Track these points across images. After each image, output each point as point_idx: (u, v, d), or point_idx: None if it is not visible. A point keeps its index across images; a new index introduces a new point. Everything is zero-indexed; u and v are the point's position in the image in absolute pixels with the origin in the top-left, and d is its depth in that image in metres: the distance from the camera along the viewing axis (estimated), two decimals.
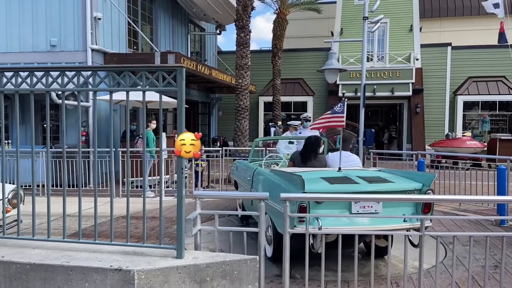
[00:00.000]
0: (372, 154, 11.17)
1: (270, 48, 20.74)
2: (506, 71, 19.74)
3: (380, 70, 19.87)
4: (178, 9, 17.32)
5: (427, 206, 4.42)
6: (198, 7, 17.28)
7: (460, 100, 20.32)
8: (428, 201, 4.40)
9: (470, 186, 8.14)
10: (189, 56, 17.62)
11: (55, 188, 8.68)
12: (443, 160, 14.41)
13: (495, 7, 12.98)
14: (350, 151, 6.23)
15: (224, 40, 72.75)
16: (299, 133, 9.22)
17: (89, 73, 3.33)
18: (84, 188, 9.29)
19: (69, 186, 9.00)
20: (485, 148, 16.40)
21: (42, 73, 3.27)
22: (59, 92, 3.34)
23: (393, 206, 4.36)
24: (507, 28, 13.03)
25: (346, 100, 5.68)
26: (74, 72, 3.24)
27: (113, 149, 9.76)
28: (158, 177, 9.48)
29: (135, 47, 14.43)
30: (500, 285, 3.32)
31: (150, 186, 10.03)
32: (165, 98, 9.73)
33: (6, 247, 3.34)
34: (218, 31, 20.56)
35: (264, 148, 11.86)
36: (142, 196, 3.39)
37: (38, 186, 9.09)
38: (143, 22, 14.98)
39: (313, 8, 21.04)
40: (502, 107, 20.29)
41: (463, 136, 17.28)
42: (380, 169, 5.50)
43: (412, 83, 19.54)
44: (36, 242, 3.42)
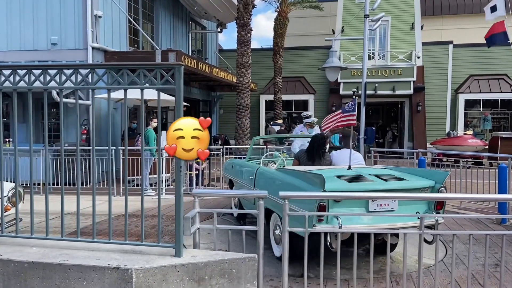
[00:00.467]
0: (373, 152, 11.14)
1: (271, 46, 20.70)
2: (507, 69, 19.67)
3: (381, 68, 19.82)
4: (179, 7, 17.29)
5: (440, 203, 4.49)
6: (199, 5, 17.26)
7: (462, 98, 20.26)
8: (442, 200, 4.51)
9: (471, 184, 8.12)
10: (190, 54, 17.61)
11: (55, 186, 8.69)
12: (444, 159, 14.42)
13: (492, 11, 12.91)
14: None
15: (225, 38, 72.66)
16: (301, 132, 9.18)
17: (88, 71, 3.32)
18: (85, 186, 9.29)
19: (70, 185, 9.01)
20: (487, 146, 16.36)
21: (40, 71, 3.26)
22: (59, 90, 3.32)
23: (407, 204, 4.41)
24: (508, 26, 12.94)
25: (357, 98, 5.68)
26: (72, 70, 3.23)
27: (113, 148, 9.76)
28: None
29: (136, 46, 14.42)
30: (500, 284, 3.30)
31: (151, 185, 10.03)
32: (166, 96, 9.79)
33: (5, 245, 3.33)
34: (219, 29, 20.52)
35: (265, 146, 11.84)
36: (141, 194, 3.37)
37: (39, 184, 9.10)
38: (144, 20, 14.96)
39: (314, 6, 20.99)
40: (504, 105, 20.22)
41: (464, 134, 17.24)
42: (386, 167, 5.51)
43: (414, 81, 19.49)
44: (35, 240, 3.41)
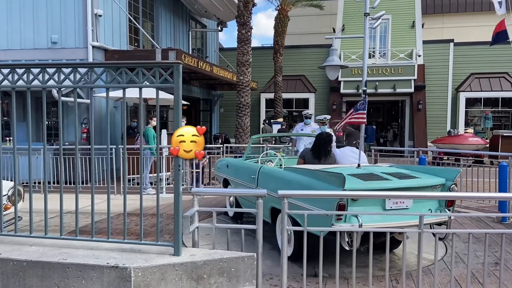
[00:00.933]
0: (373, 150, 11.12)
1: (272, 45, 20.68)
2: (508, 67, 19.64)
3: (382, 67, 19.79)
4: (179, 5, 17.28)
5: (451, 200, 4.59)
6: (199, 4, 17.25)
7: (463, 96, 20.23)
8: (452, 199, 4.61)
9: (472, 183, 8.10)
10: (190, 53, 17.59)
11: (56, 185, 8.70)
12: (445, 157, 14.41)
13: (500, 6, 12.87)
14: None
15: (226, 37, 72.63)
16: (301, 130, 9.16)
17: (86, 69, 3.31)
18: (86, 185, 9.30)
19: (71, 183, 9.03)
20: (487, 145, 16.33)
21: (39, 69, 3.26)
22: (57, 89, 3.32)
23: (421, 202, 4.47)
24: (508, 25, 12.91)
25: (367, 97, 5.70)
26: (71, 69, 3.23)
27: (114, 146, 9.75)
28: (160, 174, 9.47)
29: (136, 44, 14.42)
30: (500, 282, 3.30)
31: (151, 183, 10.03)
32: (166, 95, 9.78)
33: (4, 244, 3.33)
34: (219, 28, 20.51)
35: (265, 145, 11.83)
36: (140, 193, 3.37)
37: (39, 183, 9.11)
38: (144, 19, 14.95)
39: (314, 5, 20.94)
40: (505, 103, 20.19)
41: (465, 132, 17.21)
42: (391, 165, 5.53)
43: (414, 79, 19.46)
44: (34, 239, 3.41)
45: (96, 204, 3.41)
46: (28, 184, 3.48)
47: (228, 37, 67.49)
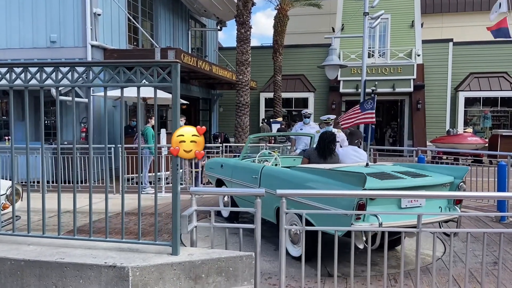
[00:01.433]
0: (372, 150, 11.13)
1: (271, 44, 20.66)
2: (508, 67, 19.64)
3: (381, 66, 19.79)
4: (179, 4, 17.26)
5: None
6: (199, 3, 17.22)
7: (462, 96, 20.23)
8: (460, 198, 4.72)
9: (471, 182, 8.10)
10: (189, 52, 17.57)
11: (55, 184, 8.68)
12: (444, 156, 14.42)
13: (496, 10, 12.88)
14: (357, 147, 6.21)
15: (225, 36, 72.62)
16: (300, 130, 9.14)
17: (84, 68, 3.31)
18: (84, 184, 9.28)
19: (70, 183, 9.01)
20: (486, 144, 16.33)
21: (36, 68, 3.25)
22: (55, 88, 3.31)
23: (432, 199, 4.55)
24: (509, 24, 12.91)
25: (376, 96, 5.72)
26: (69, 68, 3.22)
27: (112, 146, 9.74)
28: (159, 173, 9.47)
29: (135, 43, 14.39)
30: (498, 281, 3.30)
31: (150, 183, 10.02)
32: (165, 94, 9.77)
33: (2, 243, 3.33)
34: (218, 27, 20.48)
35: (265, 144, 11.84)
36: (138, 192, 3.37)
37: (38, 182, 9.09)
38: (143, 18, 14.93)
39: (314, 4, 20.92)
40: (504, 103, 20.19)
41: (464, 132, 17.22)
42: (394, 163, 5.54)
43: (414, 79, 19.47)
44: (32, 238, 3.41)
45: (94, 204, 3.41)
46: (26, 183, 3.47)
47: (227, 36, 67.51)
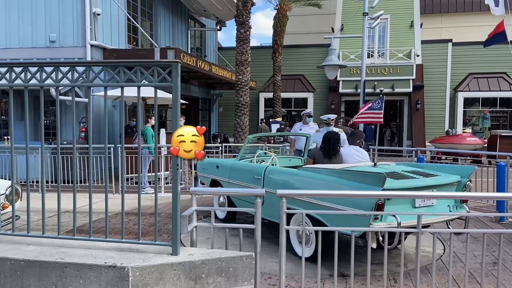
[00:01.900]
0: (372, 150, 11.13)
1: (271, 44, 20.66)
2: (507, 67, 19.64)
3: (380, 66, 19.79)
4: (178, 4, 17.25)
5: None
6: (198, 3, 17.22)
7: (461, 96, 20.24)
8: (465, 198, 4.88)
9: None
10: (189, 52, 17.57)
11: (54, 184, 8.68)
12: (443, 157, 14.43)
13: (495, 4, 12.85)
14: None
15: (224, 36, 72.64)
16: (300, 130, 9.14)
17: (84, 68, 3.30)
18: (84, 184, 9.28)
19: (68, 182, 9.01)
20: (486, 145, 16.34)
21: (36, 68, 3.25)
22: (55, 88, 3.30)
23: (443, 199, 4.65)
24: (507, 25, 12.91)
25: (384, 97, 5.75)
26: (69, 68, 3.22)
27: (112, 145, 9.74)
28: (159, 173, 9.46)
29: (134, 43, 14.39)
30: (498, 282, 3.30)
31: (150, 183, 10.01)
32: (165, 94, 9.77)
33: (1, 243, 3.32)
34: (218, 27, 20.47)
35: (264, 144, 11.83)
36: (138, 192, 3.36)
37: (38, 182, 9.09)
38: (142, 17, 14.92)
39: (313, 4, 20.92)
40: (503, 103, 20.20)
41: (463, 132, 17.23)
42: (397, 163, 5.55)
43: (413, 79, 19.46)
44: (31, 238, 3.40)
45: (94, 203, 3.40)
46: (25, 183, 3.46)
47: (227, 36, 67.44)
